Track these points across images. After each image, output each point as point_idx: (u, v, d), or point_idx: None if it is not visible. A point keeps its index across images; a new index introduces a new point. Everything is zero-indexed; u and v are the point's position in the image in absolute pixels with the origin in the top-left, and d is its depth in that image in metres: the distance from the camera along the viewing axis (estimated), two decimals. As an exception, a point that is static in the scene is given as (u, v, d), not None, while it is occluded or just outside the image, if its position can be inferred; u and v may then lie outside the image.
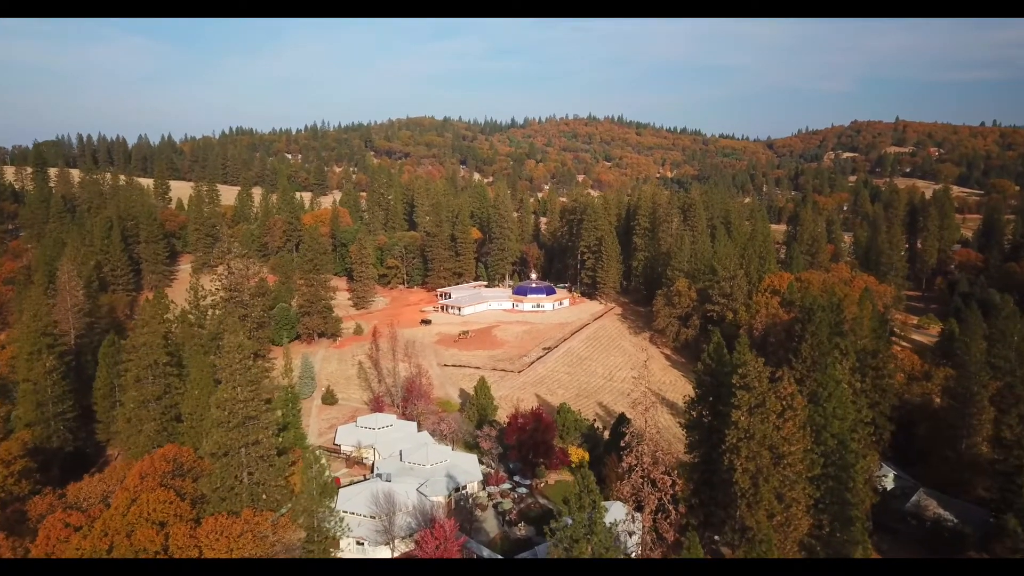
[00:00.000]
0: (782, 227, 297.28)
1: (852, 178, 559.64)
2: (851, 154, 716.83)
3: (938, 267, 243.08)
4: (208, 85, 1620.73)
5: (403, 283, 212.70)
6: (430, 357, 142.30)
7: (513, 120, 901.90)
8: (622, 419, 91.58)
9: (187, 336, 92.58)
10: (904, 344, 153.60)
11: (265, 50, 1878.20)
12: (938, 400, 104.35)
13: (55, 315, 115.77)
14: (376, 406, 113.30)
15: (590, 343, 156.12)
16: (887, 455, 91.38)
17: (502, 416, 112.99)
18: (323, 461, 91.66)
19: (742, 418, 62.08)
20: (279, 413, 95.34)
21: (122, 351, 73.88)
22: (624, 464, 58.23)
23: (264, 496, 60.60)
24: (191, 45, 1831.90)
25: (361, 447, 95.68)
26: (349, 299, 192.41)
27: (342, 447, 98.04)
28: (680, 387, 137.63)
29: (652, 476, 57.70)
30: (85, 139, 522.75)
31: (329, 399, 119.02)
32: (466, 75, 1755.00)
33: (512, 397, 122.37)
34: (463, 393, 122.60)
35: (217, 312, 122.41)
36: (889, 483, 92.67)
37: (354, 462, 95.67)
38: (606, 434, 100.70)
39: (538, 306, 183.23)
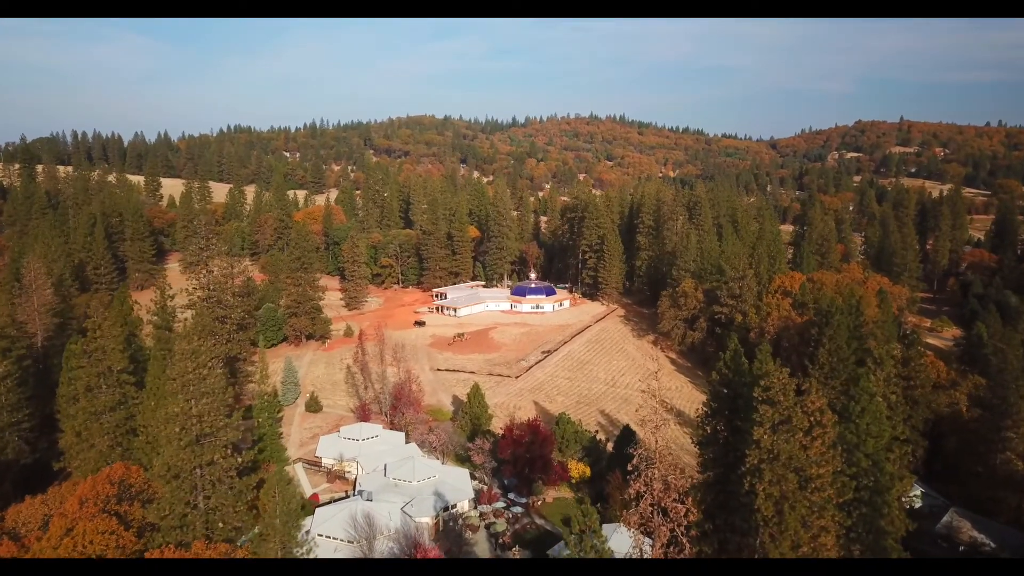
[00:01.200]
0: (787, 227, 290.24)
1: (856, 178, 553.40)
2: (855, 154, 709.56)
3: (949, 268, 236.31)
4: (209, 85, 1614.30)
5: (398, 283, 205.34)
6: (423, 361, 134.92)
7: (514, 119, 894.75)
8: (627, 433, 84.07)
9: (157, 340, 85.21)
10: (920, 349, 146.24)
11: (266, 50, 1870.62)
12: (966, 411, 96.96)
13: (23, 315, 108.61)
14: (363, 414, 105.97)
15: (591, 346, 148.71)
16: (918, 472, 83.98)
17: (497, 425, 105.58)
18: (296, 479, 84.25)
19: (765, 436, 54.60)
20: (259, 421, 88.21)
21: (72, 357, 66.84)
22: (631, 491, 50.82)
23: (221, 524, 53.29)
24: (192, 45, 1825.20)
25: (343, 460, 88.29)
26: (341, 299, 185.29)
27: (323, 460, 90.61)
28: (687, 393, 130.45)
29: (663, 504, 50.33)
30: (80, 136, 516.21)
31: (313, 406, 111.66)
32: (467, 75, 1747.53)
33: (508, 404, 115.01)
34: (456, 400, 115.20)
35: (200, 313, 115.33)
36: (917, 502, 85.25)
37: (336, 476, 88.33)
38: (609, 446, 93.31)
39: (537, 307, 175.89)
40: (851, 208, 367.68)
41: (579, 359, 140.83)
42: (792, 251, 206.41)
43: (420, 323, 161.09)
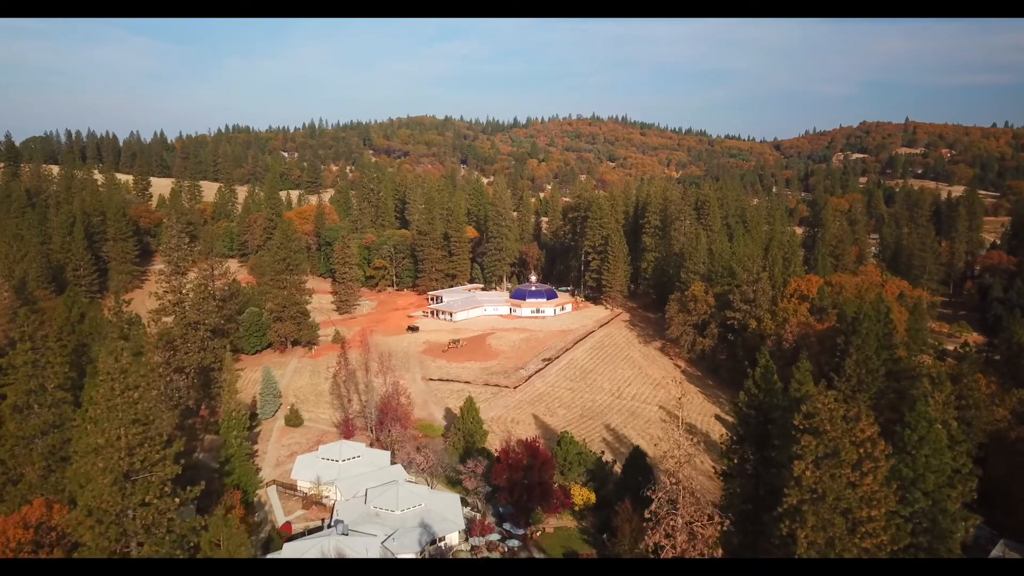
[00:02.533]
0: (796, 229, 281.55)
1: (862, 179, 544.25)
2: (860, 155, 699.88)
3: (965, 270, 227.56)
4: (211, 85, 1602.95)
5: (392, 285, 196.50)
6: (414, 370, 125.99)
7: (515, 120, 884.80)
8: (637, 455, 75.01)
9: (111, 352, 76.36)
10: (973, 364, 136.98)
11: (268, 52, 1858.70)
12: (1010, 429, 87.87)
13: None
14: (346, 430, 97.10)
15: (595, 353, 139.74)
16: (972, 506, 74.86)
17: (494, 442, 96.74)
18: (268, 505, 75.19)
19: (807, 472, 45.78)
20: (227, 441, 79.41)
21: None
22: (649, 542, 42.01)
23: (156, 577, 44.39)
24: (194, 46, 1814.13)
25: (321, 484, 79.33)
26: (332, 303, 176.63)
27: (299, 483, 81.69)
28: (698, 404, 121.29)
29: (688, 559, 41.53)
30: (74, 135, 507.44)
31: (293, 420, 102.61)
32: (468, 77, 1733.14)
33: (505, 418, 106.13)
34: (449, 413, 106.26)
35: (166, 320, 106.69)
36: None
37: (312, 502, 79.37)
38: (617, 467, 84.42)
39: (538, 311, 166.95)
40: (859, 209, 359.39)
41: (582, 367, 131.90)
42: (803, 253, 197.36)
43: (413, 328, 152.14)
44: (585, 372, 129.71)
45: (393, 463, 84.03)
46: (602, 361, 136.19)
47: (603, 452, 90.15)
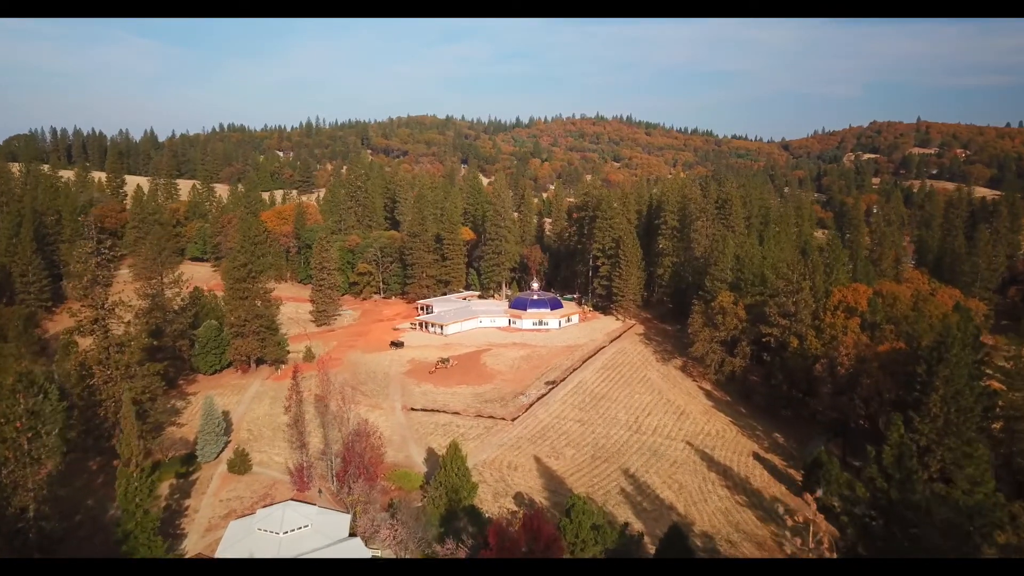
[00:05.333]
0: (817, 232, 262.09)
1: (875, 180, 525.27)
2: (872, 155, 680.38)
3: (1006, 275, 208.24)
4: (213, 87, 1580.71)
5: (378, 292, 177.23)
6: (394, 397, 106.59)
7: (518, 119, 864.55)
8: (677, 538, 55.28)
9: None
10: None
11: (270, 52, 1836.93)
12: None
13: None
14: (300, 481, 77.69)
15: (607, 374, 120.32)
16: None
17: (486, 495, 77.69)
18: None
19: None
20: (125, 510, 60.02)
21: None
22: None
23: None
24: (195, 46, 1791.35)
25: (253, 566, 59.86)
26: (310, 312, 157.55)
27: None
28: (730, 439, 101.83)
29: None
30: (59, 133, 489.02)
31: (239, 465, 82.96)
32: (471, 79, 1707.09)
33: (501, 462, 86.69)
34: (432, 455, 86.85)
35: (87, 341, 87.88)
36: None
37: (242, 590, 59.98)
38: (647, 541, 64.85)
39: (540, 323, 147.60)
40: (875, 211, 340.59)
41: (592, 392, 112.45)
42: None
43: (397, 344, 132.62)
44: (596, 398, 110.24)
45: (351, 535, 64.58)
46: (615, 384, 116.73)
47: (627, 523, 69.96)
